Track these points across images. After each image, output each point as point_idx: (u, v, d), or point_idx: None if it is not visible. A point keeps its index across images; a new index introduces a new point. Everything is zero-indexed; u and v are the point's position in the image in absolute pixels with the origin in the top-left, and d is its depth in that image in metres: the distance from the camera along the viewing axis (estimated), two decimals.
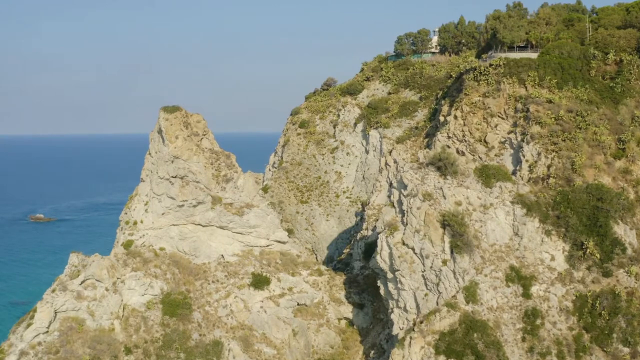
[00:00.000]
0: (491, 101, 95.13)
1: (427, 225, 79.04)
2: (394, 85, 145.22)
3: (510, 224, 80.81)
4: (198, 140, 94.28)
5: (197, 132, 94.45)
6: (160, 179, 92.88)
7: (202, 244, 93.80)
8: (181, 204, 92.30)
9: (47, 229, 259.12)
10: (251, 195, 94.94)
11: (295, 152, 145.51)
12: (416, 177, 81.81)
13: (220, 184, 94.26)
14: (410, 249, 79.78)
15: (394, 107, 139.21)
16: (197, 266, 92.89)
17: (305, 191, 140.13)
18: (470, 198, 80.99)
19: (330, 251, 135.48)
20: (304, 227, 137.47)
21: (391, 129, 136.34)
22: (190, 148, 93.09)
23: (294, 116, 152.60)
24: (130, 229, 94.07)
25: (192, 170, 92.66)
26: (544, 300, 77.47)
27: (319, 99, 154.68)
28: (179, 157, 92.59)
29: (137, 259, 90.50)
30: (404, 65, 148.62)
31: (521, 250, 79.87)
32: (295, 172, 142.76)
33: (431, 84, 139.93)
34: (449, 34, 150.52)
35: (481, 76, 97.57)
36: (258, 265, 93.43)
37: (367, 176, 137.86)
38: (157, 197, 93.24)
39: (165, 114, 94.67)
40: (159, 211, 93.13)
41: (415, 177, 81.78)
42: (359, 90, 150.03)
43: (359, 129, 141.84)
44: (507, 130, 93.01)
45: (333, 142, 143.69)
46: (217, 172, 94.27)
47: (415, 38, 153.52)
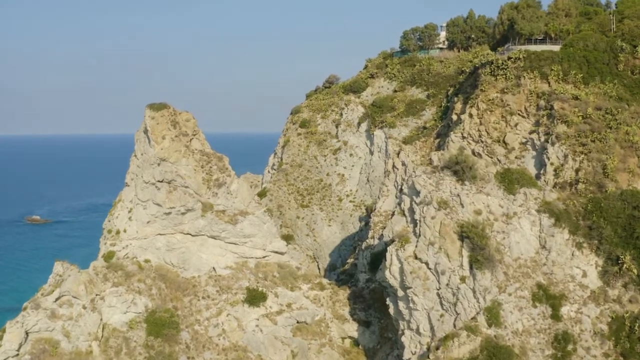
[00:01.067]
0: (510, 98, 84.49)
1: (442, 237, 68.44)
2: (400, 83, 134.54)
3: (537, 235, 70.17)
4: (187, 141, 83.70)
5: (186, 131, 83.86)
6: (145, 183, 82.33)
7: (192, 255, 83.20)
8: (168, 212, 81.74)
9: (43, 230, 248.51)
10: (246, 202, 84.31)
11: (296, 153, 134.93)
12: (430, 183, 71.19)
13: (211, 189, 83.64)
14: (423, 263, 69.19)
15: (400, 105, 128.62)
16: (186, 280, 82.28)
17: (306, 194, 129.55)
18: (491, 206, 70.38)
19: (332, 258, 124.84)
20: (305, 233, 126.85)
21: (397, 129, 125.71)
22: (178, 149, 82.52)
23: (294, 115, 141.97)
24: (112, 238, 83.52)
25: (180, 174, 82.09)
26: (576, 322, 66.89)
27: (320, 98, 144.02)
28: (166, 160, 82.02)
29: (119, 272, 79.87)
30: (411, 62, 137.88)
31: (549, 265, 69.26)
32: (296, 175, 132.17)
33: (439, 81, 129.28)
34: (458, 29, 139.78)
35: (499, 70, 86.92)
36: (253, 279, 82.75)
37: (371, 179, 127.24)
38: (141, 203, 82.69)
39: (151, 111, 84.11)
40: (143, 219, 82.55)
41: (429, 183, 71.15)
42: (362, 88, 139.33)
43: (363, 128, 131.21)
44: (529, 130, 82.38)
45: (335, 142, 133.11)
46: (208, 176, 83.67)
47: (422, 33, 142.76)
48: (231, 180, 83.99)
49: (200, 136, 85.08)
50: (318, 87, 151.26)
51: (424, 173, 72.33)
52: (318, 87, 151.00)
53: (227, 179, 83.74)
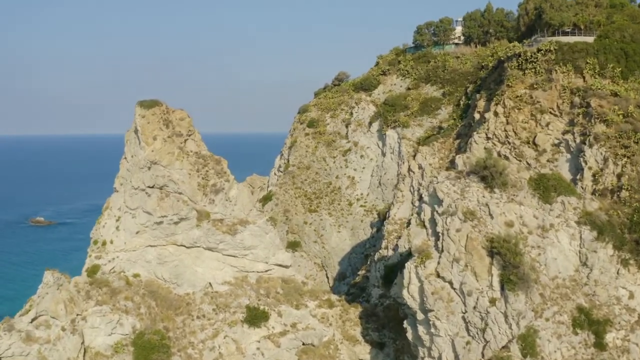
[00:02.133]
0: (541, 94, 74.50)
1: (469, 253, 58.48)
2: (414, 80, 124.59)
3: (577, 251, 60.11)
4: (181, 142, 73.98)
5: (180, 132, 74.16)
6: (134, 189, 72.70)
7: (186, 269, 73.49)
8: (159, 221, 72.05)
9: (46, 233, 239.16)
10: (246, 209, 74.53)
11: (303, 154, 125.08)
12: (454, 190, 61.18)
13: (208, 195, 73.88)
14: (447, 282, 59.20)
15: (414, 104, 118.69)
16: (179, 297, 72.56)
17: (314, 198, 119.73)
18: (525, 217, 60.30)
19: (342, 267, 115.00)
20: (313, 240, 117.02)
21: (411, 129, 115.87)
22: (171, 151, 72.83)
23: (302, 114, 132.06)
24: (97, 250, 73.95)
25: (173, 179, 72.40)
26: (623, 351, 56.87)
27: (329, 96, 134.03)
28: (158, 163, 72.35)
29: (104, 289, 70.19)
30: (425, 58, 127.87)
31: (591, 285, 59.20)
32: (303, 177, 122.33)
33: (456, 78, 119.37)
34: (475, 23, 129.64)
35: (527, 64, 76.89)
36: (254, 295, 72.93)
37: (383, 182, 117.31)
38: (130, 211, 73.07)
39: (142, 109, 74.48)
40: (132, 229, 72.91)
41: (453, 190, 61.13)
42: (374, 86, 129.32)
43: (375, 128, 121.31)
44: (562, 130, 72.34)
45: (345, 143, 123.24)
46: (204, 181, 73.94)
47: (436, 28, 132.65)
48: (230, 186, 74.20)
49: (196, 136, 75.34)
50: (327, 84, 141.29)
51: (447, 179, 62.27)
52: (327, 85, 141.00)
53: (225, 185, 73.97)
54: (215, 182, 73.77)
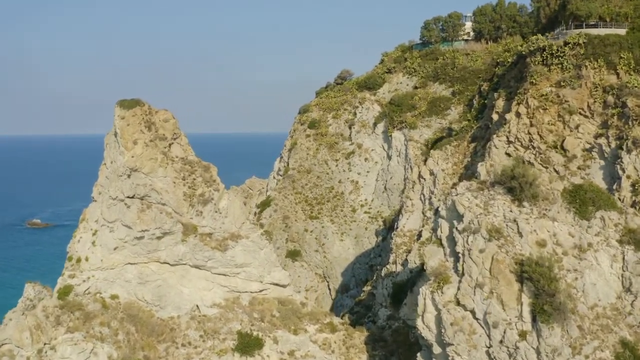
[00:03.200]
0: (569, 92, 64.98)
1: (495, 278, 49.19)
2: (421, 78, 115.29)
3: (619, 274, 50.73)
4: (165, 147, 64.66)
5: (164, 135, 64.84)
6: (112, 199, 63.41)
7: (170, 289, 64.15)
8: (140, 235, 62.76)
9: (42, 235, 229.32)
10: (238, 222, 65.20)
11: (304, 157, 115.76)
12: (476, 204, 51.86)
13: (195, 206, 64.55)
14: (468, 312, 49.92)
15: (422, 103, 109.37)
16: (162, 322, 63.18)
17: (315, 204, 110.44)
18: (559, 236, 50.94)
19: (345, 278, 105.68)
20: (314, 249, 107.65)
21: (418, 130, 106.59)
22: (153, 157, 63.52)
23: (303, 115, 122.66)
24: (71, 268, 64.65)
25: (155, 188, 63.12)
26: None
27: (331, 95, 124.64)
28: (138, 170, 63.06)
29: (77, 313, 60.82)
30: (433, 55, 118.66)
31: (636, 314, 49.84)
32: (304, 182, 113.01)
33: (466, 76, 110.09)
34: (486, 18, 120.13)
35: (553, 59, 67.31)
36: (247, 320, 63.54)
37: (389, 187, 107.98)
38: (107, 224, 63.77)
39: (121, 110, 65.16)
40: (110, 244, 63.60)
41: (475, 204, 51.81)
42: (379, 84, 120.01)
43: (380, 129, 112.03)
44: (594, 133, 62.78)
45: (349, 145, 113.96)
46: (190, 190, 64.59)
47: (445, 23, 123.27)
48: (220, 196, 64.83)
49: (182, 140, 65.98)
50: (329, 83, 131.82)
51: (467, 190, 52.89)
52: (329, 84, 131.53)
53: (214, 194, 64.60)
54: (204, 191, 64.38)
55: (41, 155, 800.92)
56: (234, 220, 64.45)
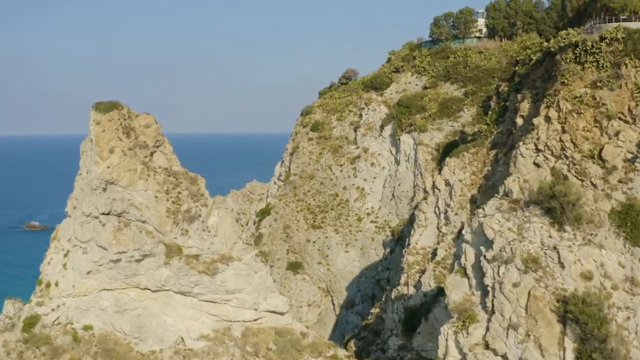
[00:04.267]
0: (607, 94, 55.63)
1: (532, 317, 40.22)
2: (431, 78, 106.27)
3: None
4: (146, 156, 55.66)
5: (145, 142, 55.83)
6: (86, 216, 54.47)
7: (152, 319, 55.13)
8: (117, 258, 53.82)
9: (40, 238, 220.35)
10: (229, 242, 56.19)
11: (306, 161, 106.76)
12: (509, 227, 42.89)
13: (179, 224, 55.56)
14: (499, 357, 41.08)
15: (432, 105, 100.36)
16: (143, 357, 54.09)
17: (318, 213, 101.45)
18: (608, 266, 41.91)
19: (350, 293, 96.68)
20: (317, 261, 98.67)
21: (429, 133, 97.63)
22: (132, 168, 54.55)
23: (305, 117, 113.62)
24: (40, 294, 55.75)
25: (134, 204, 54.18)
26: None
27: (335, 96, 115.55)
28: (115, 183, 54.12)
29: (43, 348, 51.86)
30: (443, 53, 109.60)
31: None
32: (306, 188, 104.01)
33: (479, 75, 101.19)
34: (500, 14, 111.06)
35: (587, 56, 58.05)
36: (239, 354, 54.44)
37: (397, 194, 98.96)
38: (80, 245, 54.85)
39: (97, 114, 56.22)
40: (83, 268, 54.67)
41: (508, 227, 42.84)
42: (386, 84, 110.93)
43: (387, 133, 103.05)
44: (637, 141, 53.66)
45: (354, 149, 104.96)
46: (175, 205, 55.61)
47: (456, 19, 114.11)
48: (208, 212, 55.80)
49: (165, 148, 56.94)
50: (333, 83, 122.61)
51: (498, 211, 43.91)
52: (333, 84, 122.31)
53: (202, 210, 55.58)
54: (190, 207, 55.38)
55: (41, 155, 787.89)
56: (224, 239, 55.42)
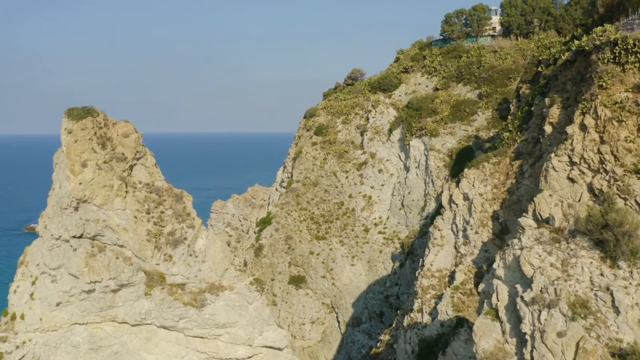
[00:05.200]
0: None
1: None
2: (443, 79, 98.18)
3: None
4: (124, 170, 47.90)
5: (124, 154, 48.07)
6: (55, 239, 46.79)
7: (131, 358, 47.44)
8: (90, 288, 46.14)
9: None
10: (220, 268, 48.44)
11: (310, 167, 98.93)
12: (551, 262, 35.02)
13: (162, 249, 47.84)
14: None
15: (444, 107, 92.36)
16: None
17: (322, 223, 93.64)
18: None
19: (356, 309, 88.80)
20: (321, 274, 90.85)
21: (440, 138, 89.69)
22: (108, 184, 46.82)
23: (309, 120, 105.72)
24: (4, 328, 48.05)
25: (110, 225, 46.46)
26: None
27: (341, 97, 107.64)
28: (88, 201, 46.41)
29: None
30: (455, 52, 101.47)
31: None
32: (309, 196, 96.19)
33: (494, 76, 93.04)
34: (516, 11, 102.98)
35: (629, 56, 50.19)
36: None
37: (407, 203, 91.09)
38: (49, 272, 47.19)
39: (69, 121, 48.49)
40: (52, 299, 47.02)
41: (550, 262, 34.97)
42: (394, 86, 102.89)
43: (396, 137, 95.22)
44: None
45: (360, 154, 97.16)
46: (157, 227, 47.87)
47: (469, 16, 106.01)
48: (195, 234, 48.04)
49: (147, 160, 49.18)
50: (338, 84, 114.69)
51: (537, 242, 36.04)
52: (338, 85, 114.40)
53: (188, 232, 47.83)
54: (174, 228, 47.69)
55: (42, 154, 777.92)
56: (213, 266, 47.68)
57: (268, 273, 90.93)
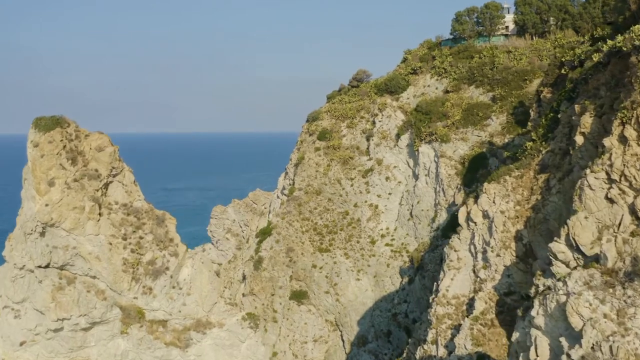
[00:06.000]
0: None
1: None
2: (453, 80, 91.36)
3: None
4: (98, 189, 41.23)
5: (97, 170, 41.37)
6: (19, 269, 40.16)
7: None
8: (58, 327, 39.46)
9: None
10: (208, 302, 41.74)
11: (312, 174, 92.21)
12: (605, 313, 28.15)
13: (141, 280, 41.15)
14: None
15: (455, 111, 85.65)
16: None
17: (325, 234, 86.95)
18: None
19: (362, 328, 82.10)
20: (324, 289, 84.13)
21: (452, 144, 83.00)
22: (78, 205, 40.14)
23: (311, 123, 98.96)
24: None
25: (82, 254, 39.83)
26: None
27: (346, 100, 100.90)
28: (56, 225, 39.79)
29: None
30: (466, 53, 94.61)
31: None
32: (312, 205, 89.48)
33: (508, 78, 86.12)
34: (531, 9, 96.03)
35: None
36: None
37: (416, 213, 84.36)
38: (12, 306, 40.57)
39: (36, 133, 41.84)
40: (15, 337, 40.36)
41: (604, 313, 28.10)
42: (402, 88, 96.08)
43: (404, 142, 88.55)
44: None
45: (366, 161, 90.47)
46: (135, 255, 41.17)
47: (481, 15, 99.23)
48: (179, 263, 41.35)
49: (125, 178, 42.52)
50: (343, 86, 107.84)
51: (587, 287, 29.23)
52: (343, 87, 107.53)
53: (170, 261, 41.15)
54: (155, 256, 41.08)
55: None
56: (200, 299, 41.04)
57: (268, 287, 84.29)
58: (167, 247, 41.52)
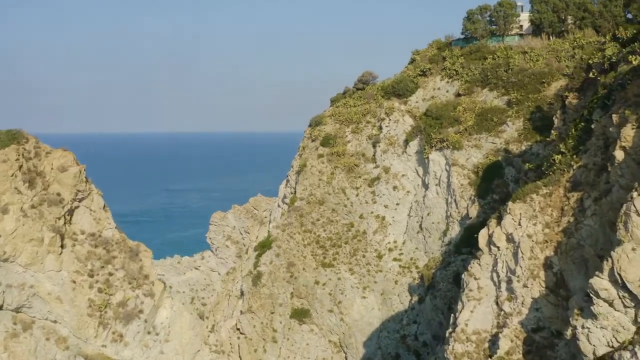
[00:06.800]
0: None
1: None
2: (465, 83, 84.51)
3: None
4: (59, 217, 34.51)
5: (60, 194, 34.62)
6: None
7: None
8: None
9: None
10: (189, 350, 34.91)
11: (315, 183, 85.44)
12: None
13: (110, 325, 34.40)
14: None
15: (468, 116, 78.87)
16: None
17: (329, 247, 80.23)
18: None
19: (368, 350, 75.30)
20: (327, 308, 77.41)
21: (464, 151, 76.27)
22: (36, 237, 33.39)
23: (314, 128, 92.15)
24: None
25: (40, 293, 33.09)
26: None
27: (350, 103, 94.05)
28: (10, 260, 33.10)
29: None
30: (479, 53, 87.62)
31: None
32: (315, 216, 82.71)
33: (524, 80, 79.36)
34: (548, 7, 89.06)
35: None
36: None
37: (426, 225, 77.59)
38: None
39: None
40: None
41: None
42: (410, 90, 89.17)
43: (412, 149, 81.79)
44: None
45: (372, 168, 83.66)
46: (103, 295, 34.44)
47: (494, 13, 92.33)
48: (155, 305, 34.65)
49: (93, 202, 35.72)
50: (347, 88, 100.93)
51: None
52: (347, 89, 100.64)
53: (145, 302, 34.30)
54: (126, 297, 34.30)
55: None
56: (180, 347, 34.25)
57: (267, 305, 77.78)
58: (141, 285, 34.97)
